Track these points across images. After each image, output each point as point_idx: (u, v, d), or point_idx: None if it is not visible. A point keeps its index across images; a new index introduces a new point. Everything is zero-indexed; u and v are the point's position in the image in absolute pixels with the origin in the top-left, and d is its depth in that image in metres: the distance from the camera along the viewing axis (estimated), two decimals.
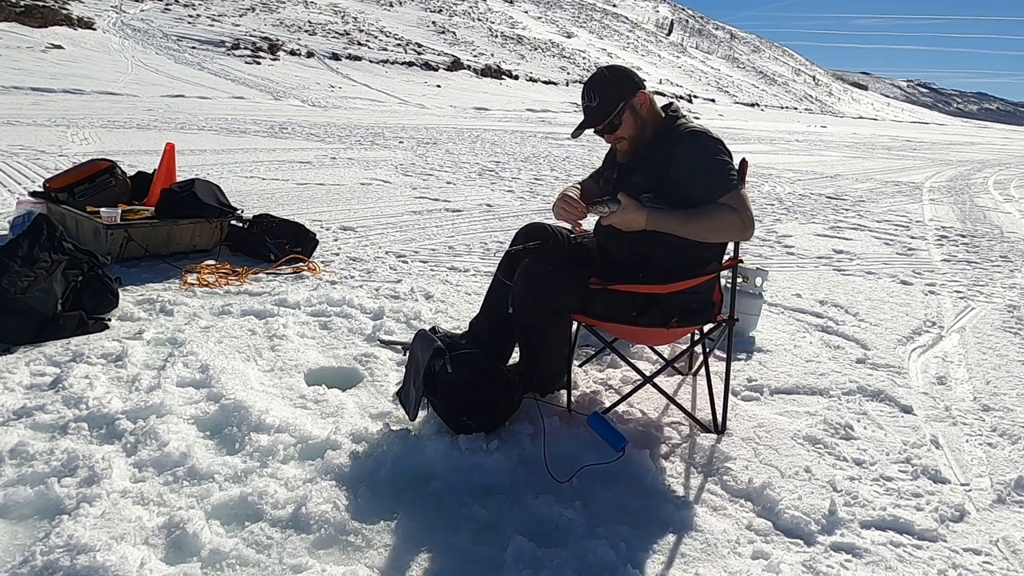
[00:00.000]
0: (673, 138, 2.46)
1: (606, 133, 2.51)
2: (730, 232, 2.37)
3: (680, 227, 2.34)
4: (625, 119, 2.46)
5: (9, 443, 2.16)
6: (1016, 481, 2.35)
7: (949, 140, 36.13)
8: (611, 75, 2.50)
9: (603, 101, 2.45)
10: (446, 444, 2.28)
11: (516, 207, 7.29)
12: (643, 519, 2.05)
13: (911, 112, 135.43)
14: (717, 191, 2.34)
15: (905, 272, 5.36)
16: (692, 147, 2.42)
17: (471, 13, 73.75)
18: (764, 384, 3.03)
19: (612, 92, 2.45)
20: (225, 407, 2.45)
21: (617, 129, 2.48)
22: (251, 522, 1.91)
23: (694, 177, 2.38)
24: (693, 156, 2.40)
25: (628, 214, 2.34)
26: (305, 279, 4.19)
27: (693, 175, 2.38)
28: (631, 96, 2.46)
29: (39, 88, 20.93)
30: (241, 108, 20.70)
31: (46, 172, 6.85)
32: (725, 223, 2.33)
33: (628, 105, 2.45)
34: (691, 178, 2.38)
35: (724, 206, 2.31)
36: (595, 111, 2.47)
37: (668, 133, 2.48)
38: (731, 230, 2.36)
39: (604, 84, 2.47)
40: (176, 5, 47.24)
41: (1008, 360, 3.56)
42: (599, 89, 2.46)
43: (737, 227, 2.34)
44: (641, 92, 2.48)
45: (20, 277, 3.04)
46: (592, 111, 2.48)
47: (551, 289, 2.40)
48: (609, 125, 2.47)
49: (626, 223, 2.35)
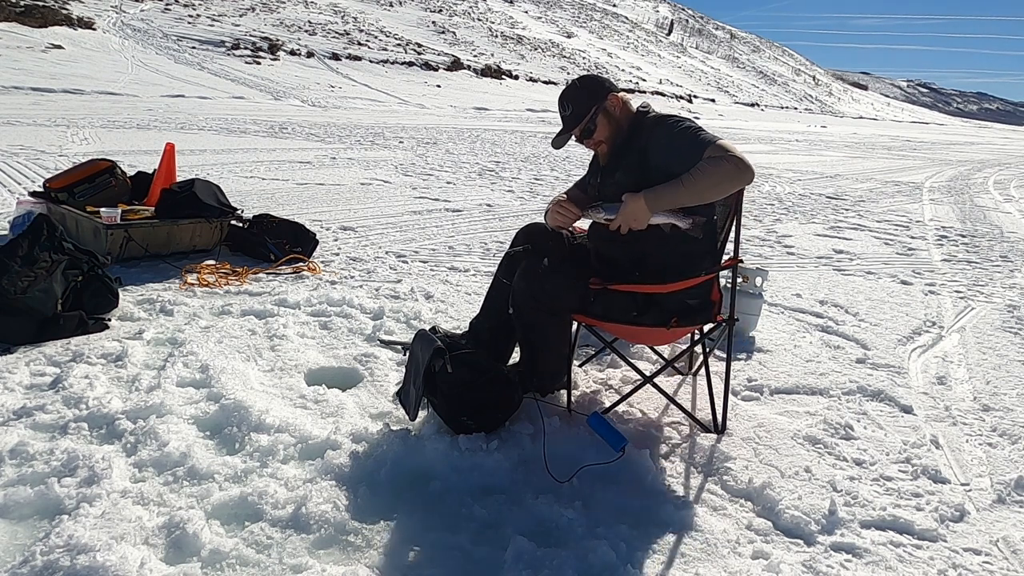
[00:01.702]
0: (644, 130, 2.50)
1: (584, 139, 2.56)
2: (730, 179, 2.31)
3: (680, 194, 2.31)
4: (599, 123, 2.52)
5: (9, 443, 2.16)
6: (1016, 481, 2.35)
7: (949, 140, 36.14)
8: (581, 84, 2.58)
9: (576, 108, 2.51)
10: (446, 444, 2.28)
11: (516, 207, 7.29)
12: (643, 519, 2.05)
13: (911, 112, 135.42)
14: (696, 152, 2.33)
15: (905, 272, 5.36)
16: (661, 131, 2.45)
17: (471, 13, 73.76)
18: (764, 384, 3.03)
19: (583, 99, 2.52)
20: (225, 407, 2.45)
21: (593, 134, 2.53)
22: (251, 522, 1.91)
23: (671, 155, 2.39)
24: (663, 139, 2.43)
25: (629, 209, 2.33)
26: (305, 279, 4.19)
27: (670, 154, 2.39)
28: (602, 100, 2.51)
29: (39, 88, 20.94)
30: (241, 108, 20.70)
31: (46, 172, 6.85)
32: (721, 173, 2.29)
33: (601, 109, 2.51)
34: (669, 158, 2.39)
35: (712, 159, 2.30)
36: (570, 119, 2.53)
37: (639, 127, 2.52)
38: (730, 178, 2.30)
39: (575, 92, 2.55)
40: (176, 5, 47.25)
41: (1008, 360, 3.56)
42: (571, 98, 2.54)
43: (733, 173, 2.29)
44: (612, 95, 2.53)
45: (20, 277, 3.04)
46: (567, 119, 2.54)
47: (551, 288, 2.41)
48: (585, 131, 2.53)
49: (633, 216, 2.33)
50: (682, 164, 2.34)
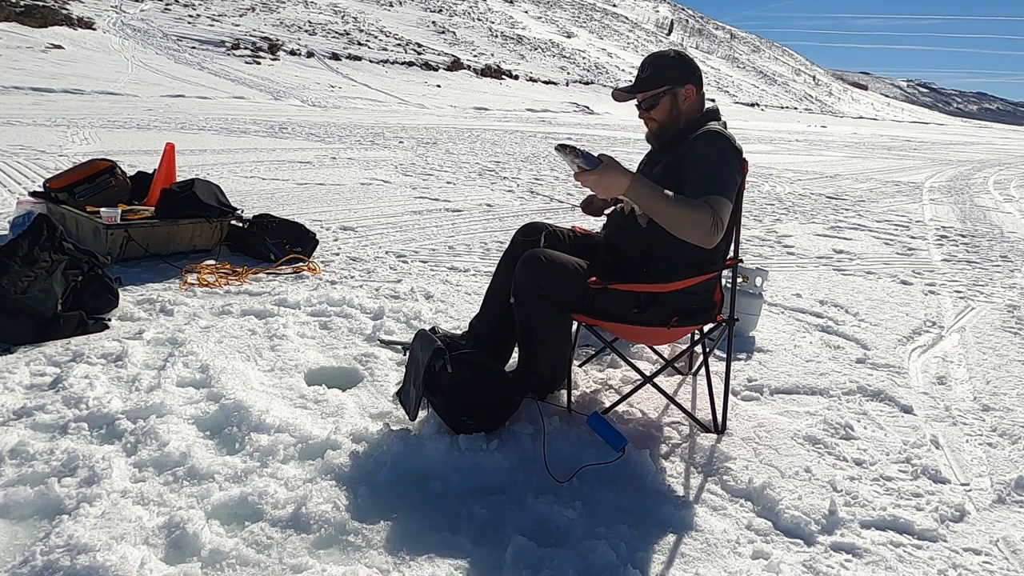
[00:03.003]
0: (694, 135, 2.47)
1: (642, 109, 2.55)
2: (697, 229, 2.26)
3: (656, 202, 2.26)
4: (663, 103, 2.50)
5: (9, 443, 2.16)
6: (1016, 481, 2.35)
7: (949, 140, 36.14)
8: (672, 58, 2.55)
9: (651, 77, 2.50)
10: (446, 444, 2.28)
11: (516, 207, 7.29)
12: (643, 519, 2.05)
13: (911, 112, 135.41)
14: (705, 189, 2.31)
15: (905, 272, 5.36)
16: (705, 143, 2.43)
17: (471, 13, 73.75)
18: (764, 384, 3.03)
19: (663, 73, 2.50)
20: (225, 407, 2.45)
21: (653, 109, 2.52)
22: (251, 522, 1.91)
23: (693, 169, 2.38)
24: (702, 152, 2.40)
25: (610, 174, 2.21)
26: (305, 279, 4.19)
27: (693, 167, 2.38)
28: (678, 85, 2.49)
29: (39, 88, 20.95)
30: (241, 108, 20.71)
31: (46, 172, 6.85)
32: (697, 219, 2.25)
33: (672, 92, 2.49)
34: (691, 169, 2.38)
35: (704, 204, 2.27)
36: (641, 83, 2.52)
37: (694, 130, 2.49)
38: (699, 228, 2.26)
39: (660, 63, 2.53)
40: (176, 5, 47.25)
41: (1008, 360, 3.56)
42: (654, 65, 2.52)
43: (705, 228, 2.25)
44: (690, 86, 2.51)
45: (20, 277, 3.04)
46: (639, 82, 2.53)
47: (553, 276, 2.39)
48: (647, 102, 2.52)
49: (606, 183, 2.23)
50: (692, 182, 2.34)
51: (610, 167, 2.21)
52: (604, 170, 2.20)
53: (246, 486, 2.04)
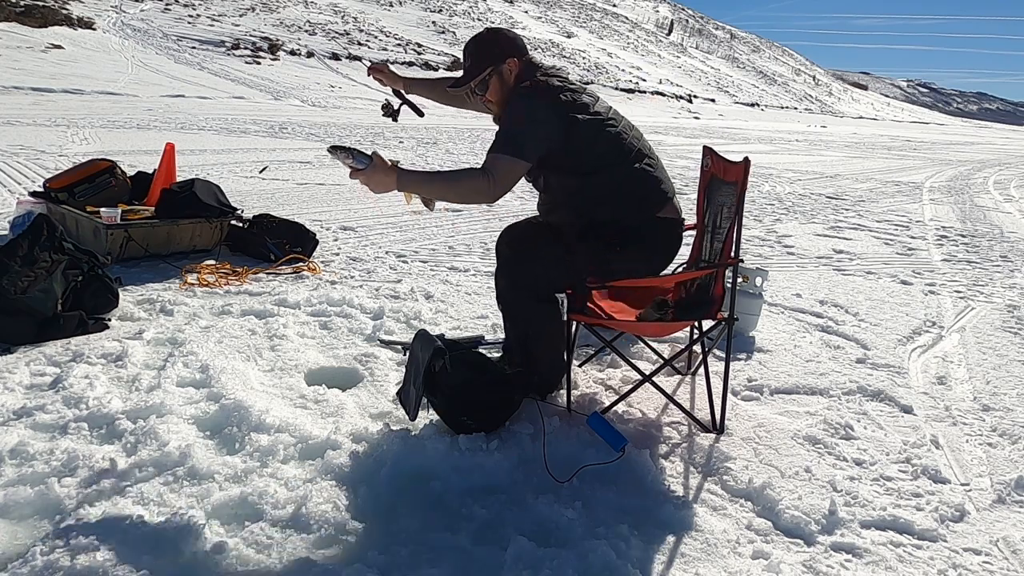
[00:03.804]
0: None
1: (478, 95, 2.59)
2: (476, 193, 2.36)
3: (429, 186, 2.34)
4: (492, 84, 2.54)
5: (9, 443, 2.16)
6: (1016, 481, 2.35)
7: (949, 140, 36.13)
8: (487, 40, 2.59)
9: (474, 63, 2.54)
10: (446, 444, 2.28)
11: (516, 207, 7.28)
12: (643, 519, 2.05)
13: (911, 112, 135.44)
14: (489, 151, 2.36)
15: (905, 272, 5.36)
16: (507, 110, 2.48)
17: (471, 13, 73.78)
18: (764, 384, 3.03)
19: (482, 56, 2.54)
20: (225, 407, 2.45)
21: (487, 92, 2.56)
22: (251, 522, 1.91)
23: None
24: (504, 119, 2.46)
25: (377, 174, 2.21)
26: (305, 279, 4.19)
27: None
28: (500, 63, 2.52)
29: (39, 88, 20.94)
30: (241, 108, 20.71)
31: (46, 172, 6.85)
32: (472, 185, 2.32)
33: (496, 70, 2.52)
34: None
35: (474, 168, 2.33)
36: (466, 72, 2.56)
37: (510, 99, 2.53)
38: (476, 192, 2.35)
39: (477, 47, 2.57)
40: (176, 5, 47.25)
41: (1008, 360, 3.56)
42: (473, 51, 2.57)
43: (481, 188, 2.31)
44: (511, 59, 2.53)
45: (20, 277, 3.04)
46: (465, 72, 2.57)
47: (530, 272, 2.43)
48: (479, 87, 2.56)
49: (375, 182, 2.22)
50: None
51: (378, 167, 2.21)
52: (372, 170, 2.21)
53: (246, 486, 2.04)
